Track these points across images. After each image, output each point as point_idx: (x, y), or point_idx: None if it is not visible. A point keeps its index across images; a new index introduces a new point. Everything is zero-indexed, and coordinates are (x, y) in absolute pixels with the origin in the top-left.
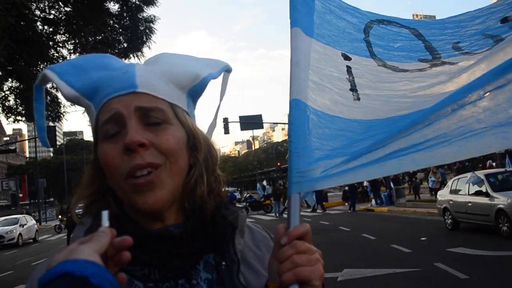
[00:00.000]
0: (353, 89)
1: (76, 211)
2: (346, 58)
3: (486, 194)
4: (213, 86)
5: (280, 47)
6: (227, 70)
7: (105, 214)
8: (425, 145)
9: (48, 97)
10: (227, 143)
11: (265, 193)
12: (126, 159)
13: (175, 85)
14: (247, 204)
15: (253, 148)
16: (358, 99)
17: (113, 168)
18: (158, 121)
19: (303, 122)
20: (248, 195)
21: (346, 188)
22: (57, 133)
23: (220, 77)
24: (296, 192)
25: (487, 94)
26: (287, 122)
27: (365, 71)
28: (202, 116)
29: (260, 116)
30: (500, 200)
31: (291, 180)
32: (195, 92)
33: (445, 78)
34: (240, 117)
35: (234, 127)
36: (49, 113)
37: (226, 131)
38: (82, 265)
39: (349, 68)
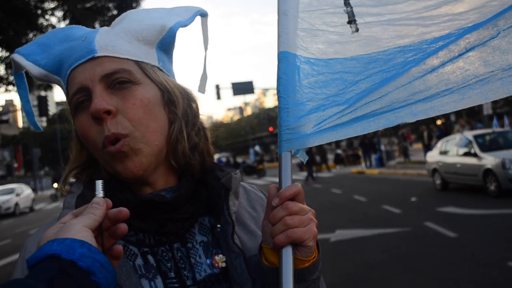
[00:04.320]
0: (351, 20)
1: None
2: None
3: (474, 155)
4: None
5: (273, 12)
6: (202, 14)
7: (99, 183)
8: (424, 94)
9: None
10: (219, 109)
11: (256, 159)
12: (97, 129)
13: (140, 41)
14: (241, 169)
15: (245, 115)
16: (357, 30)
17: (89, 139)
18: (125, 84)
19: (292, 74)
20: (242, 160)
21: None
22: (48, 102)
23: (200, 26)
24: (287, 150)
25: (502, 32)
26: None
27: None
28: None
29: (251, 83)
30: (488, 160)
31: (281, 137)
32: (164, 44)
33: None
34: (232, 84)
35: (226, 93)
36: (40, 82)
37: (218, 97)
38: (69, 246)
39: (346, 0)
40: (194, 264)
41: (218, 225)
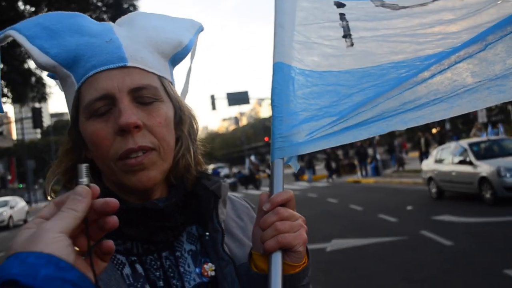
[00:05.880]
0: (347, 34)
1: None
2: (340, 5)
3: (469, 163)
4: None
5: (270, 23)
6: (201, 30)
7: (82, 168)
8: (414, 104)
9: (33, 78)
10: (215, 119)
11: (250, 168)
12: (119, 140)
13: (159, 54)
14: (237, 179)
15: (240, 125)
16: (352, 44)
17: (104, 149)
18: (150, 100)
19: (286, 85)
20: (237, 170)
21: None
22: (43, 114)
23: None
24: (279, 157)
25: (489, 45)
26: None
27: (361, 14)
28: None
29: (246, 93)
30: (483, 168)
31: (274, 145)
32: (176, 59)
33: (448, 16)
34: (228, 94)
35: (221, 103)
36: (34, 94)
37: (213, 107)
38: (32, 266)
39: (342, 15)
40: (183, 273)
41: (207, 233)
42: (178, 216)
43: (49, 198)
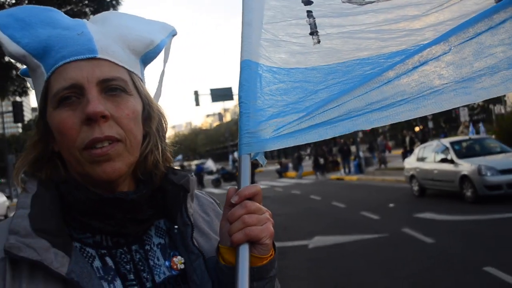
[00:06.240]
0: (313, 32)
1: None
2: (307, 3)
3: (451, 161)
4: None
5: None
6: (174, 34)
7: None
8: (381, 104)
9: (14, 71)
10: (198, 115)
11: (235, 165)
12: (85, 129)
13: (131, 50)
14: (220, 175)
15: (224, 121)
16: (318, 41)
17: (70, 138)
18: (119, 88)
19: (254, 81)
20: (220, 167)
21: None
22: (24, 108)
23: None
24: (246, 153)
25: (453, 48)
26: None
27: (328, 11)
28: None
29: (230, 89)
30: (465, 166)
31: (241, 141)
32: (148, 58)
33: (413, 11)
34: (211, 90)
35: (205, 99)
36: (15, 88)
37: (197, 103)
38: None
39: (309, 12)
40: (153, 266)
41: (176, 226)
42: (148, 209)
43: (19, 189)
